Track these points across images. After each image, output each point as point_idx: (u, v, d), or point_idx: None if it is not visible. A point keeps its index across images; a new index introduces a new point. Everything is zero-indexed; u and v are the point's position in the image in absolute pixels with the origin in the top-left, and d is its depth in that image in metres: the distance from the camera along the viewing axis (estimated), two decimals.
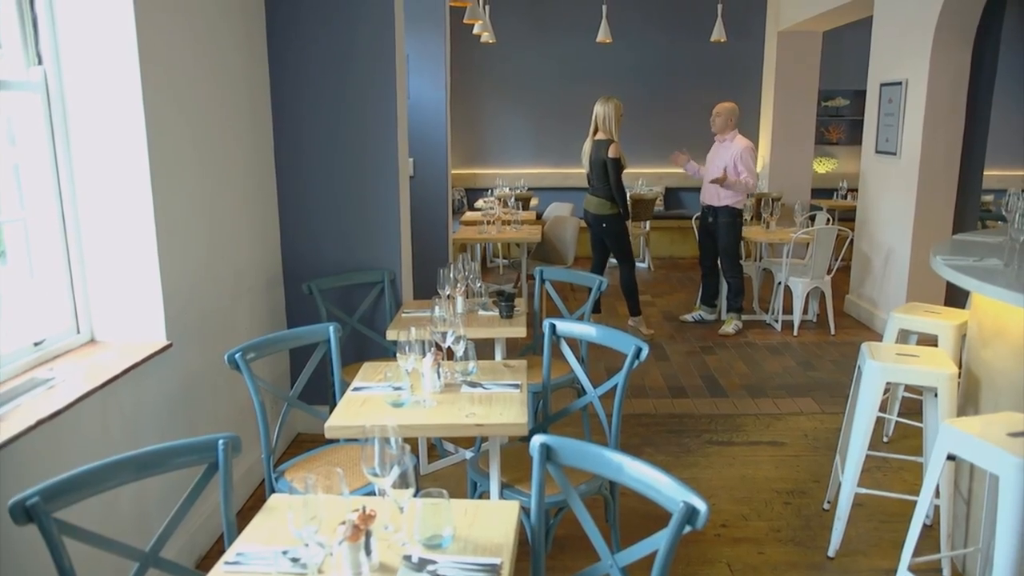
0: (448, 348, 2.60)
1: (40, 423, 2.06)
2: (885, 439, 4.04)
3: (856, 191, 7.26)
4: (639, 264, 8.61)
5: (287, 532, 1.59)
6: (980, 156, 5.76)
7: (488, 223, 6.27)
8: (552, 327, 2.89)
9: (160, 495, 2.68)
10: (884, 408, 3.80)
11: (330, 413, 2.41)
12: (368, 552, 1.53)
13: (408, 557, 1.58)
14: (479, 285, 3.57)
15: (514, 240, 6.27)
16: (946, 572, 2.83)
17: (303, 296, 3.78)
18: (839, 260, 6.26)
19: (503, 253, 8.89)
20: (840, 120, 9.98)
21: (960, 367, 3.02)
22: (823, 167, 10.03)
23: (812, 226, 6.28)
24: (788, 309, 6.23)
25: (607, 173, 5.57)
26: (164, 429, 2.77)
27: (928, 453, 3.09)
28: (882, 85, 6.22)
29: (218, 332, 3.20)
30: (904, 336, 3.60)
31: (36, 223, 2.56)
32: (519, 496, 2.51)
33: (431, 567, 1.55)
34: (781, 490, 3.54)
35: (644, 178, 9.42)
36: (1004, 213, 3.60)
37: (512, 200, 7.39)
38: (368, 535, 1.52)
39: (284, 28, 3.73)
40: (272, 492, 2.59)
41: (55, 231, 2.59)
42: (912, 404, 3.94)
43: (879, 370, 2.84)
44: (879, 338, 5.59)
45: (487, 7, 7.94)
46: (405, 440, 1.69)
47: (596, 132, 5.66)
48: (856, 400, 2.98)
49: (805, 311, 6.28)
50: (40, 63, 2.50)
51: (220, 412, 3.23)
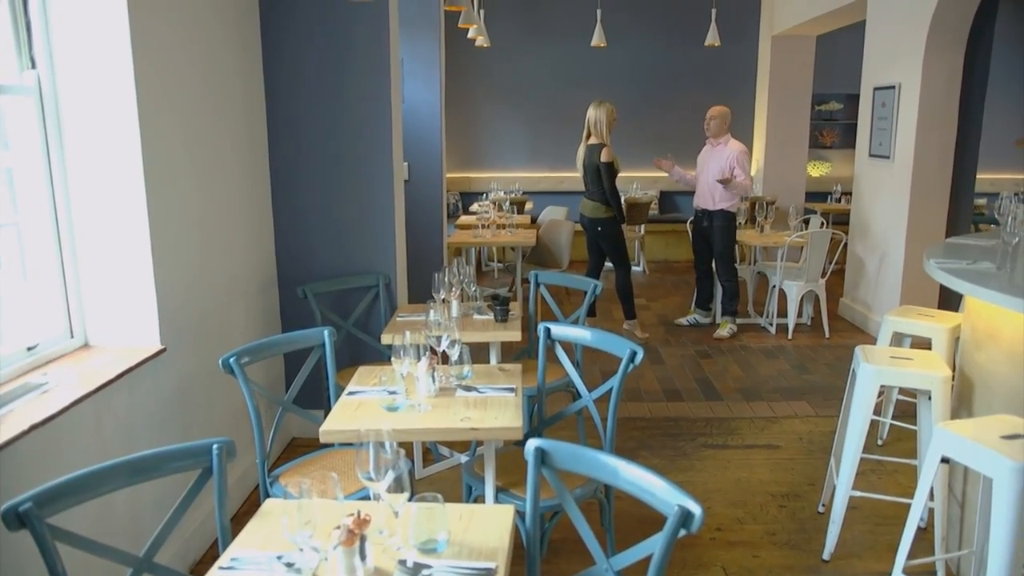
0: (443, 352, 2.60)
1: (33, 428, 2.05)
2: (879, 442, 4.05)
3: (850, 195, 7.28)
4: (634, 268, 8.61)
5: (282, 537, 1.58)
6: (973, 160, 5.79)
7: (483, 227, 6.27)
8: (547, 331, 2.89)
9: (154, 500, 2.67)
10: (878, 411, 3.81)
11: (325, 417, 2.41)
12: (363, 557, 1.52)
13: (403, 562, 1.58)
14: (474, 289, 3.56)
15: (509, 244, 6.27)
16: (940, 575, 2.84)
17: (298, 300, 3.78)
18: (833, 263, 6.28)
19: (498, 257, 8.88)
20: (834, 124, 10.02)
21: (954, 370, 3.03)
22: (817, 171, 10.07)
23: (806, 229, 6.30)
24: (783, 312, 6.24)
25: (601, 177, 5.58)
26: (158, 434, 2.76)
27: (922, 456, 3.10)
28: (875, 89, 6.25)
29: (212, 336, 3.19)
30: (898, 339, 3.61)
31: (29, 227, 2.55)
32: (514, 500, 2.51)
33: (426, 571, 1.55)
34: (776, 493, 3.54)
35: (638, 182, 9.43)
36: (997, 216, 3.61)
37: (507, 204, 7.39)
38: (363, 540, 1.52)
39: (279, 32, 3.73)
40: (267, 497, 2.58)
41: (48, 235, 2.59)
42: (906, 407, 3.95)
43: (873, 373, 2.85)
44: (873, 341, 5.60)
45: (482, 11, 7.94)
46: (400, 444, 1.69)
47: (589, 136, 5.67)
48: (850, 403, 2.99)
49: (800, 314, 6.29)
50: (34, 67, 2.50)
51: (214, 417, 3.22)
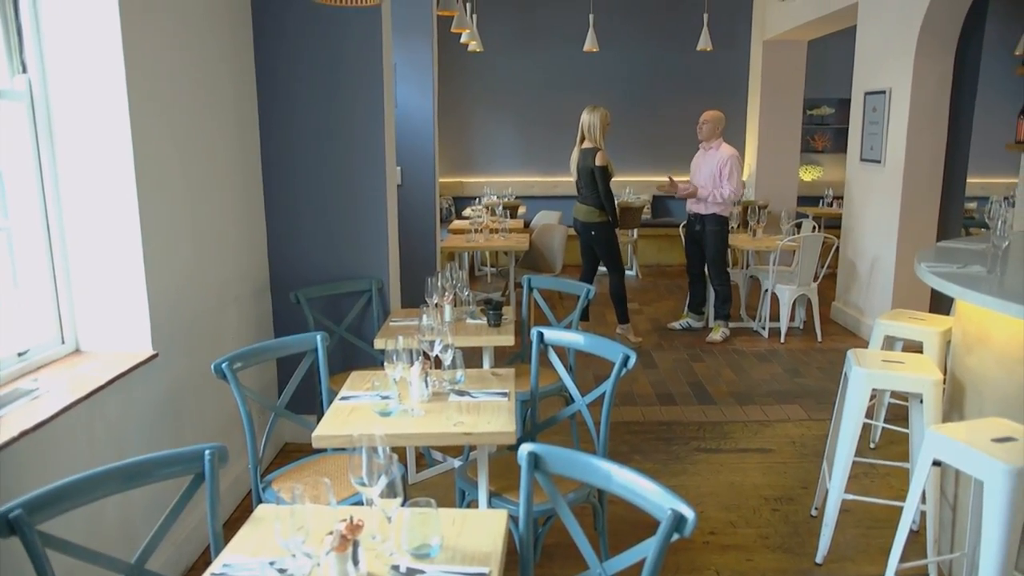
0: (436, 357, 2.60)
1: (24, 434, 2.04)
2: (872, 445, 4.06)
3: (841, 199, 7.32)
4: (627, 272, 8.63)
5: (274, 543, 1.58)
6: (963, 164, 5.83)
7: (476, 231, 6.27)
8: (540, 335, 2.89)
9: (146, 506, 2.66)
10: (871, 415, 3.82)
11: (317, 423, 2.41)
12: (356, 562, 1.52)
13: (396, 567, 1.58)
14: (467, 293, 3.57)
15: (502, 248, 6.28)
16: None
17: (290, 305, 3.77)
18: (825, 267, 6.31)
19: (491, 261, 8.89)
20: (825, 128, 10.06)
21: (945, 373, 3.04)
22: (809, 175, 10.11)
23: (798, 234, 6.31)
24: (775, 316, 6.26)
25: (595, 181, 5.59)
26: (150, 440, 2.75)
27: (914, 459, 3.11)
28: (866, 94, 6.29)
29: (205, 341, 3.18)
30: (890, 343, 3.62)
31: (20, 232, 2.54)
32: (507, 505, 2.51)
33: None
34: (769, 497, 3.55)
35: (631, 186, 9.46)
36: (987, 220, 3.63)
37: (500, 208, 7.40)
38: (356, 545, 1.52)
39: (271, 37, 3.73)
40: (259, 502, 2.57)
41: (39, 240, 2.57)
42: (898, 410, 3.96)
43: (865, 377, 2.86)
44: (865, 345, 5.62)
45: (474, 16, 7.96)
46: (393, 449, 1.69)
47: (583, 141, 5.69)
48: (843, 407, 3.00)
49: (792, 318, 6.31)
50: (24, 71, 2.49)
51: (207, 422, 3.21)
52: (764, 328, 6.31)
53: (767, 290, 6.23)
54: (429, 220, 5.50)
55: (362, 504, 1.76)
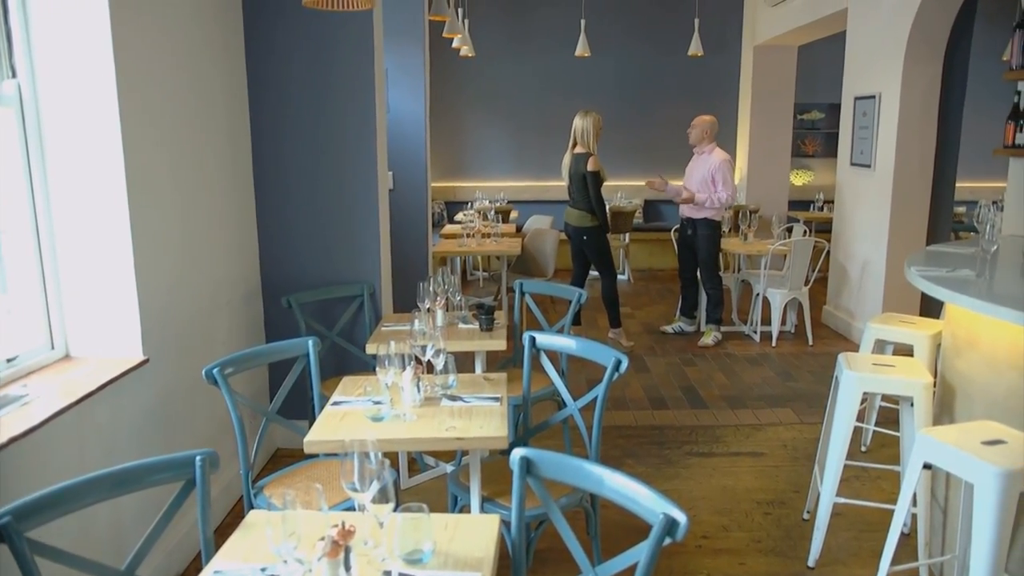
0: (428, 361, 2.60)
1: (13, 440, 2.03)
2: (863, 448, 4.07)
3: (832, 203, 7.35)
4: (619, 276, 8.64)
5: (266, 549, 1.57)
6: (952, 168, 5.86)
7: (468, 236, 6.27)
8: (532, 340, 2.89)
9: (136, 513, 2.64)
10: (862, 418, 3.83)
11: (309, 428, 2.40)
12: (348, 568, 1.52)
13: (388, 572, 1.57)
14: (459, 298, 3.56)
15: (494, 253, 6.28)
16: None
17: (282, 310, 3.76)
18: (816, 271, 6.33)
19: (483, 266, 8.89)
20: (816, 133, 10.11)
21: (935, 376, 3.05)
22: (800, 179, 10.15)
23: (789, 238, 6.34)
24: (766, 320, 6.28)
25: (587, 186, 5.60)
26: (141, 446, 2.73)
27: (905, 462, 3.12)
28: (856, 99, 6.32)
29: (195, 347, 3.17)
30: (880, 346, 3.64)
31: (10, 237, 2.52)
32: (500, 510, 2.50)
33: None
34: (761, 501, 3.56)
35: (623, 191, 9.47)
36: (976, 224, 3.66)
37: (492, 213, 7.40)
38: (348, 551, 1.51)
39: (263, 41, 3.73)
40: (251, 508, 2.56)
41: (29, 245, 2.56)
42: (889, 413, 3.97)
43: (856, 380, 2.87)
44: (856, 348, 5.62)
45: (466, 21, 7.97)
46: (385, 454, 1.68)
47: (575, 145, 5.70)
48: (834, 410, 3.01)
49: (783, 322, 6.33)
50: (14, 76, 2.48)
51: (198, 428, 3.19)
52: (756, 332, 6.33)
53: (758, 294, 6.25)
54: (421, 225, 5.49)
55: (354, 510, 1.76)
